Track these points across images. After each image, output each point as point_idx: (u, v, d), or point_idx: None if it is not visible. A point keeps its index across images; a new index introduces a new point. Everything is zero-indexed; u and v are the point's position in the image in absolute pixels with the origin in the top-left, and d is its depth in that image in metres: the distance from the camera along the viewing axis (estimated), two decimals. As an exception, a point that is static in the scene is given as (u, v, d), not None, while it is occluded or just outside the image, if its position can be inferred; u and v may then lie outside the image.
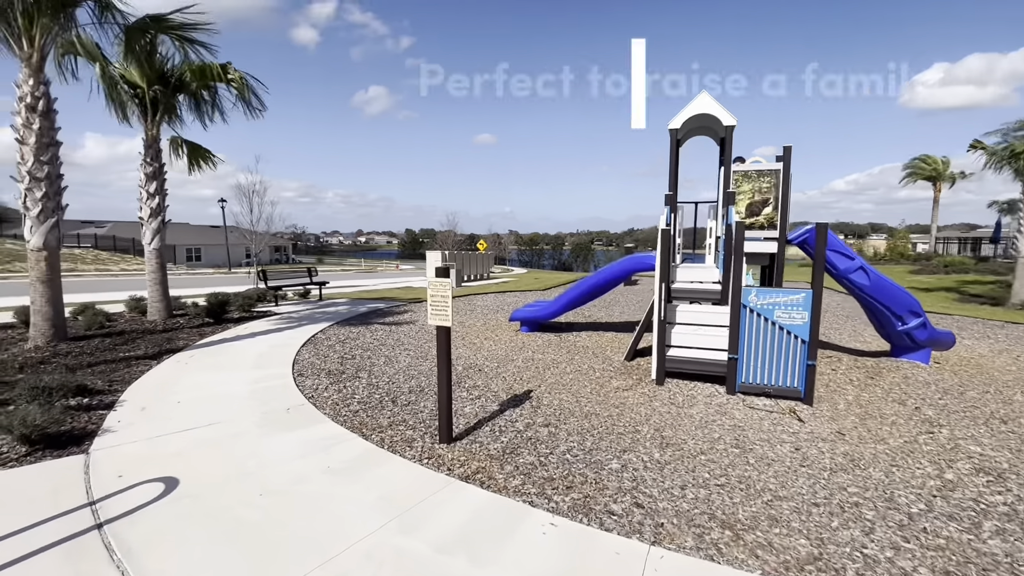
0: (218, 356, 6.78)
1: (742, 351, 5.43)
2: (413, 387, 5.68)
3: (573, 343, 8.22)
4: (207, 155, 10.41)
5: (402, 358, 7.04)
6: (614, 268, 8.07)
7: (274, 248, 53.47)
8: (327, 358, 6.88)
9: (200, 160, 10.31)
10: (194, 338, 7.96)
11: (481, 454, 3.90)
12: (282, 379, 5.73)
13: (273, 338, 7.99)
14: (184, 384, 5.49)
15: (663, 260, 5.68)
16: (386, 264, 56.60)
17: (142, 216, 9.25)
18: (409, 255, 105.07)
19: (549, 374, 6.34)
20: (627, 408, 5.06)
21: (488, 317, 10.84)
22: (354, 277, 29.56)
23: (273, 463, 3.59)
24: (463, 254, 25.49)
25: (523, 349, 7.72)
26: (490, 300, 14.08)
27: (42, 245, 6.87)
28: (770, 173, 7.08)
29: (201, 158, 10.30)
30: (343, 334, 8.53)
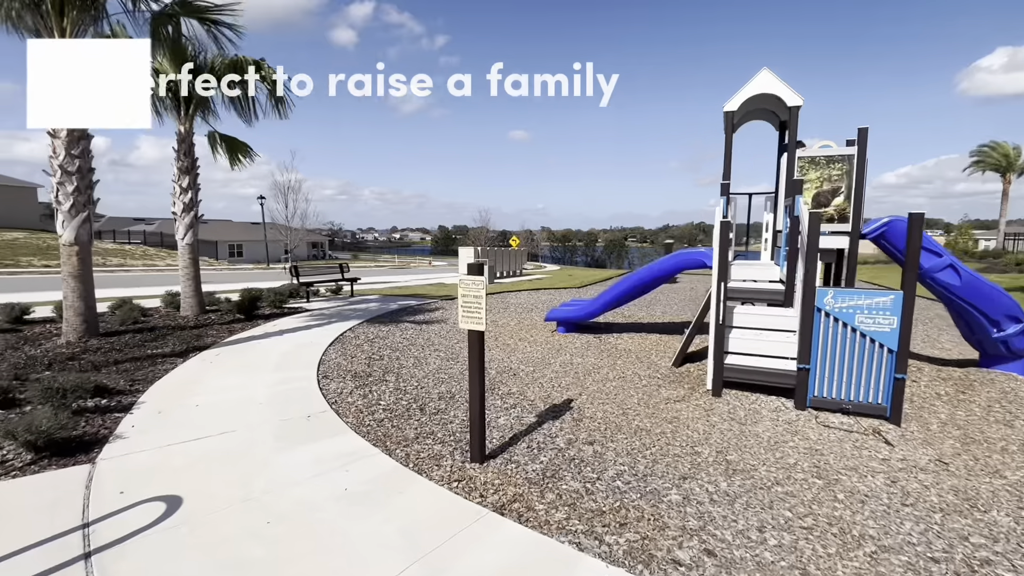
0: (244, 355, 6.55)
1: (814, 360, 4.74)
2: (443, 393, 5.25)
3: (614, 346, 7.64)
4: (246, 149, 10.30)
5: (432, 360, 6.63)
6: (660, 265, 7.44)
7: (311, 244, 54.58)
8: (354, 359, 6.54)
9: (239, 155, 10.20)
10: (223, 335, 7.79)
11: (518, 477, 3.42)
12: (306, 381, 5.41)
13: (301, 336, 7.73)
14: (205, 385, 5.23)
15: (721, 256, 5.04)
16: (419, 260, 56.95)
17: (175, 211, 9.19)
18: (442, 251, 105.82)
19: (590, 381, 5.80)
20: (682, 424, 4.48)
21: (522, 316, 10.35)
22: (387, 273, 29.64)
23: (285, 484, 3.21)
24: (495, 250, 25.12)
25: (560, 352, 7.19)
26: (524, 298, 13.59)
27: (73, 240, 6.79)
28: (841, 159, 6.30)
29: (240, 152, 10.19)
30: (372, 333, 8.22)
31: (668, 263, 7.38)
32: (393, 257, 64.12)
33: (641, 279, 7.61)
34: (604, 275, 23.24)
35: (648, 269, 7.55)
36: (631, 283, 7.66)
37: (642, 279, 7.60)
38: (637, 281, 7.63)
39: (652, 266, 7.54)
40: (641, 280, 7.62)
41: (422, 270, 36.95)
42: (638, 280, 7.63)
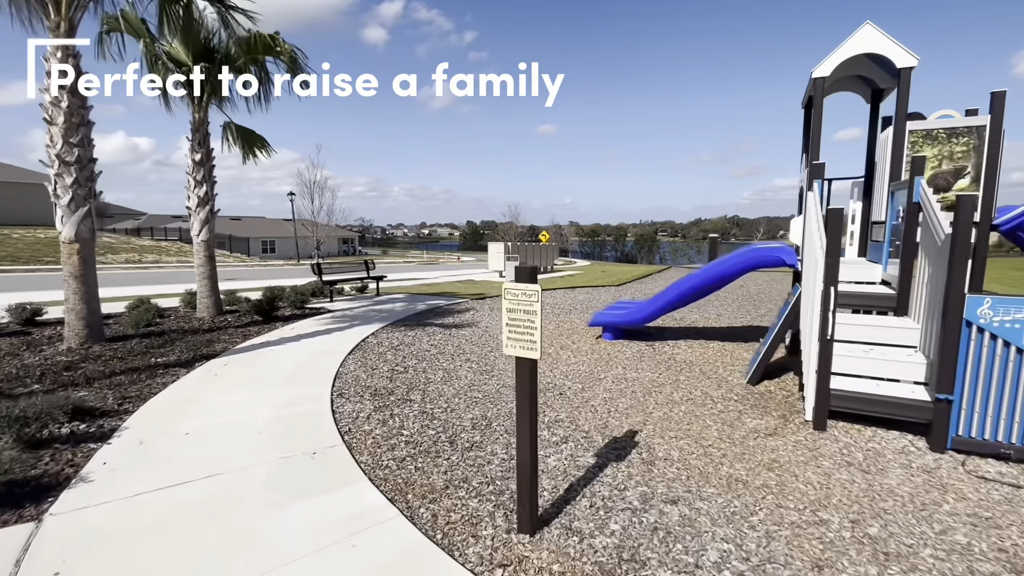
0: (253, 365, 5.82)
1: (959, 389, 3.64)
2: (477, 419, 4.36)
3: (670, 356, 6.61)
4: (262, 143, 9.65)
5: (463, 372, 5.77)
6: (728, 264, 6.36)
7: (341, 240, 54.80)
8: (375, 371, 5.74)
9: (254, 148, 9.56)
10: (236, 340, 7.12)
11: (584, 559, 2.49)
12: (317, 402, 4.61)
13: (319, 342, 6.99)
14: (203, 405, 4.50)
15: (831, 253, 3.96)
16: (447, 256, 56.54)
17: (189, 205, 8.60)
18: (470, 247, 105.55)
19: (653, 404, 4.82)
20: (786, 471, 3.46)
21: (560, 319, 9.40)
22: (415, 269, 29.10)
23: (269, 567, 2.37)
24: (526, 245, 24.19)
25: (610, 363, 6.22)
26: (559, 297, 12.62)
27: (74, 236, 6.20)
28: (967, 132, 5.10)
29: (255, 146, 9.55)
30: (396, 338, 7.42)
31: (738, 261, 6.30)
32: (422, 253, 63.97)
33: (705, 280, 6.55)
34: (641, 271, 22.01)
35: (713, 268, 6.48)
36: (692, 284, 6.61)
37: (706, 280, 6.54)
38: (700, 282, 6.57)
39: (718, 265, 6.47)
40: (705, 281, 6.56)
41: (451, 266, 36.36)
42: (701, 281, 6.57)
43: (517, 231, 42.78)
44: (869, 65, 5.96)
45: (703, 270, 6.57)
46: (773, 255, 6.10)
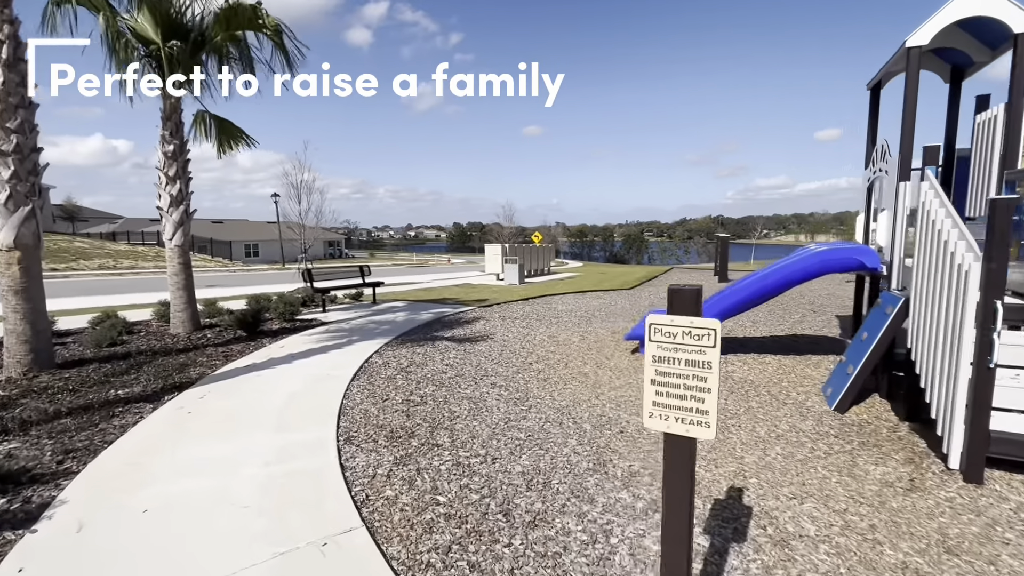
0: (236, 397, 4.78)
1: None
2: (529, 472, 3.39)
3: (726, 375, 5.71)
4: (240, 135, 8.57)
5: (492, 401, 4.79)
6: (799, 267, 5.47)
7: (327, 243, 53.37)
8: (387, 402, 4.74)
9: (231, 140, 8.48)
10: (216, 362, 6.05)
11: None
12: (320, 452, 3.60)
13: (315, 364, 5.95)
14: (169, 462, 3.45)
15: (996, 256, 3.07)
16: (437, 258, 55.40)
17: (160, 205, 7.49)
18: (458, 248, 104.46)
19: (738, 442, 3.90)
20: (971, 553, 2.55)
21: (583, 329, 8.46)
22: (407, 272, 27.99)
23: None
24: (522, 247, 23.24)
25: (662, 386, 5.30)
26: (571, 303, 11.69)
27: (12, 243, 5.10)
28: (1101, 108, 4.26)
29: (232, 138, 8.46)
30: (405, 357, 6.41)
31: (807, 265, 5.42)
32: (411, 255, 62.70)
33: (766, 287, 5.65)
34: (644, 273, 21.19)
35: (777, 274, 5.58)
36: (753, 292, 5.71)
37: (767, 287, 5.65)
38: (761, 290, 5.67)
39: (782, 269, 5.57)
40: (766, 288, 5.67)
41: (442, 268, 35.29)
42: (762, 288, 5.67)
43: (510, 232, 41.76)
44: (959, 35, 5.13)
45: (763, 276, 5.68)
46: (850, 257, 5.23)
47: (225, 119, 8.41)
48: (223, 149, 8.52)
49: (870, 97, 6.14)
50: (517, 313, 10.11)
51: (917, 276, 4.09)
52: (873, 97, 6.10)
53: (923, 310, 3.94)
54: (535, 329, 8.40)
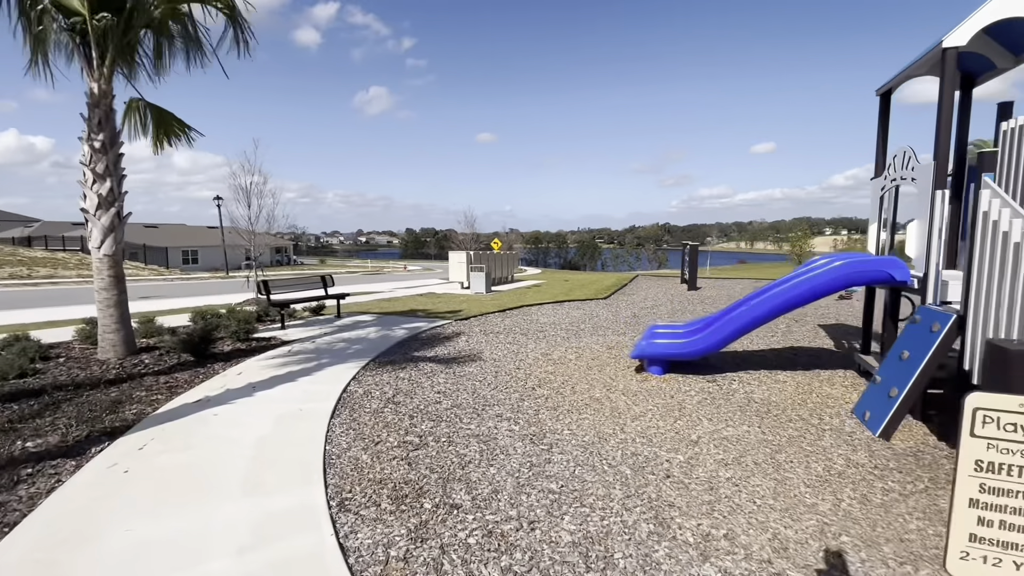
0: (188, 446, 3.84)
1: None
2: (579, 540, 2.73)
3: (747, 397, 5.27)
4: (182, 127, 7.47)
5: (505, 439, 4.10)
6: (825, 279, 5.12)
7: (275, 249, 50.60)
8: (380, 445, 3.95)
9: (171, 133, 7.36)
10: (158, 397, 5.02)
11: None
12: (310, 528, 2.79)
13: (283, 396, 5.04)
14: (98, 556, 2.55)
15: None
16: (392, 265, 53.79)
17: (86, 207, 6.31)
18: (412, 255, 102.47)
19: (801, 484, 3.40)
20: None
21: (574, 344, 7.89)
22: (363, 280, 26.70)
23: None
24: (488, 254, 22.60)
25: (685, 413, 4.77)
26: (551, 315, 11.12)
27: None
28: None
29: (172, 131, 7.34)
30: (389, 383, 5.60)
31: (834, 277, 5.08)
32: (365, 262, 60.56)
33: (788, 301, 5.27)
34: (613, 280, 21.01)
35: (801, 287, 5.21)
36: (774, 306, 5.31)
37: (790, 300, 5.27)
38: (783, 304, 5.29)
39: (807, 282, 5.20)
40: (788, 302, 5.29)
41: (399, 275, 34.08)
42: (784, 302, 5.29)
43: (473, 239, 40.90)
44: (982, 39, 4.96)
45: (788, 289, 5.30)
46: (879, 270, 4.93)
47: (164, 109, 7.29)
48: (160, 143, 7.38)
49: (880, 104, 5.95)
50: (498, 327, 9.43)
51: (978, 289, 3.76)
52: (883, 104, 5.91)
53: (990, 325, 3.61)
54: (524, 345, 7.75)
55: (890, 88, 5.81)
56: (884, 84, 5.83)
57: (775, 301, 5.28)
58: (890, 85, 5.78)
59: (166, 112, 7.28)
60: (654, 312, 11.15)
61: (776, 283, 5.64)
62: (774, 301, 5.29)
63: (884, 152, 5.92)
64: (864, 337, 6.14)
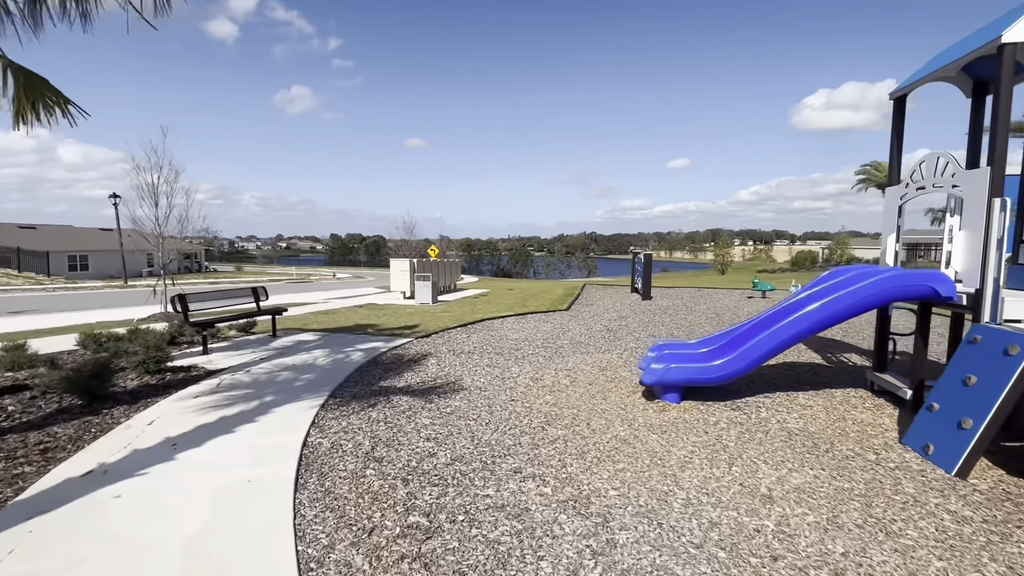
0: (69, 571, 2.49)
1: None
2: None
3: (783, 427, 4.66)
4: (57, 98, 5.72)
5: (538, 510, 3.12)
6: (866, 295, 4.61)
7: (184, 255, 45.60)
8: (376, 536, 2.81)
9: (40, 106, 5.61)
10: (24, 470, 3.50)
11: None
12: None
13: (219, 458, 3.69)
14: None
15: None
16: (320, 272, 50.41)
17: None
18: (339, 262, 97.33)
19: (932, 561, 2.72)
20: None
21: (562, 366, 7.02)
22: (290, 289, 24.38)
23: None
24: (433, 262, 21.34)
25: (735, 461, 4.03)
26: (517, 329, 10.20)
27: None
28: None
29: (44, 102, 5.59)
30: (362, 430, 4.40)
31: (876, 292, 4.59)
32: (289, 269, 56.29)
33: (824, 319, 4.73)
34: (565, 289, 20.50)
35: (839, 303, 4.67)
36: (814, 323, 4.74)
37: (826, 319, 4.73)
38: (820, 322, 4.74)
39: (846, 298, 4.67)
40: (824, 321, 4.75)
41: (329, 284, 31.74)
42: (820, 321, 4.74)
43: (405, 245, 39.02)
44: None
45: (821, 307, 4.73)
46: (924, 284, 4.50)
47: (35, 74, 5.55)
48: (25, 117, 5.59)
49: (894, 108, 5.65)
50: (466, 345, 8.36)
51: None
52: (898, 108, 5.61)
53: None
54: (505, 369, 6.77)
55: (905, 93, 5.52)
56: (898, 88, 5.54)
57: (811, 320, 4.72)
58: (905, 90, 5.49)
59: (37, 77, 5.52)
60: (624, 325, 10.58)
61: (798, 299, 5.11)
62: (810, 320, 4.73)
63: (899, 159, 5.63)
64: (878, 355, 5.79)
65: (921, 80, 5.33)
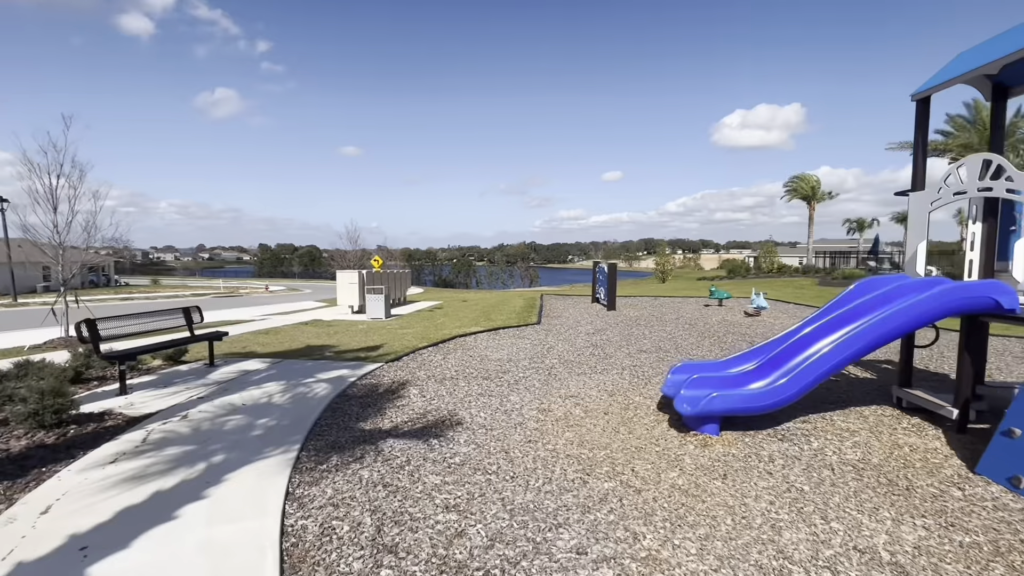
0: None
1: None
2: None
3: (843, 461, 4.10)
4: None
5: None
6: (925, 308, 4.17)
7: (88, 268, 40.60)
8: None
9: None
10: None
11: None
12: None
13: (157, 571, 2.54)
14: None
15: None
16: (250, 285, 46.70)
17: None
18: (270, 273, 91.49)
19: None
20: None
21: (560, 389, 6.21)
22: (219, 305, 22.00)
23: None
24: (385, 273, 19.96)
25: (830, 514, 3.38)
26: (494, 347, 9.30)
27: None
28: None
29: None
30: (357, 501, 3.34)
31: (938, 305, 4.16)
32: (216, 282, 51.70)
33: (887, 334, 4.25)
34: (524, 301, 19.76)
35: (899, 317, 4.21)
36: (873, 340, 4.23)
37: (888, 334, 4.25)
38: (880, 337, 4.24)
39: (904, 312, 4.21)
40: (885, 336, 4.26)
41: (262, 298, 29.26)
42: (881, 336, 4.25)
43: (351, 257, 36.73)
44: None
45: (879, 322, 4.24)
46: (985, 295, 4.12)
47: None
48: None
49: (917, 111, 5.37)
50: (446, 369, 7.36)
51: None
52: (921, 111, 5.34)
53: None
54: (503, 398, 5.86)
55: (927, 95, 5.25)
56: (921, 89, 5.27)
57: (870, 336, 4.22)
58: (928, 92, 5.23)
59: None
60: (607, 340, 9.96)
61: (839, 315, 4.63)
62: (869, 336, 4.23)
63: (924, 162, 5.35)
64: (904, 369, 5.45)
65: (944, 84, 5.08)
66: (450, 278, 79.10)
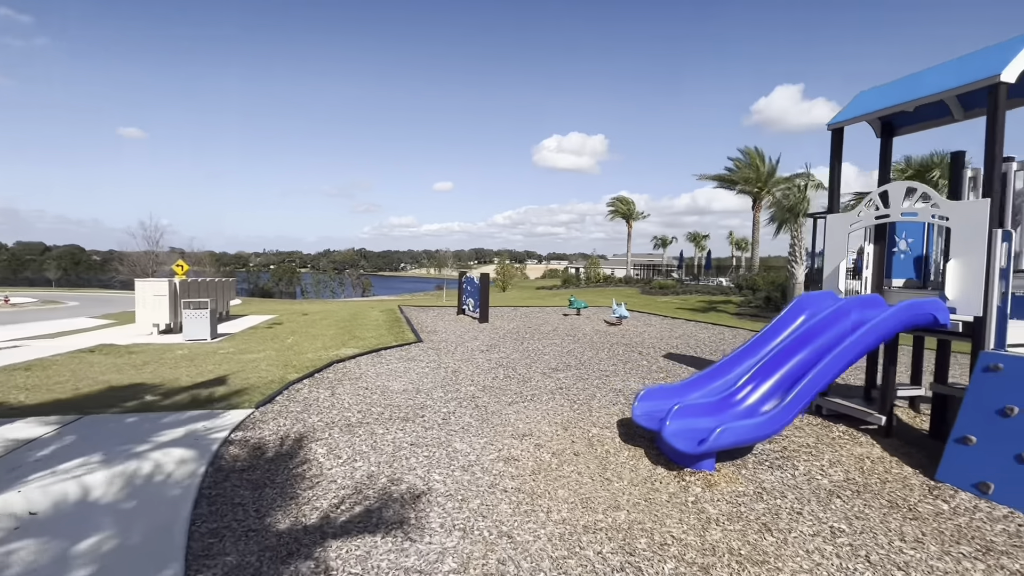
0: None
1: None
2: None
3: (831, 483, 4.01)
4: None
5: None
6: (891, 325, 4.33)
7: None
8: None
9: None
10: None
11: None
12: None
13: None
14: None
15: None
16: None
17: None
18: (9, 280, 69.66)
19: None
20: None
21: (506, 427, 5.22)
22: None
23: None
24: (202, 282, 16.25)
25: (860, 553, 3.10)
26: (384, 374, 7.79)
27: None
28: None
29: None
30: None
31: (899, 322, 4.36)
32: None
33: (863, 350, 4.30)
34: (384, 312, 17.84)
35: (874, 334, 4.29)
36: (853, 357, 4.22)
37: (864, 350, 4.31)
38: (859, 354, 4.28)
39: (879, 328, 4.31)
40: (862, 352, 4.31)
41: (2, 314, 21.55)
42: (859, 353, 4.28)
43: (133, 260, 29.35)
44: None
45: (856, 341, 4.27)
46: (927, 312, 4.45)
47: None
48: None
49: (832, 139, 5.82)
50: (343, 412, 5.74)
51: None
52: (835, 139, 5.79)
53: None
54: (445, 447, 4.63)
55: (840, 126, 5.73)
56: (836, 120, 5.72)
57: (851, 354, 4.24)
58: (841, 124, 5.71)
59: None
60: (507, 358, 9.19)
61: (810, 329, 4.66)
62: (850, 354, 4.23)
63: (838, 186, 5.80)
64: (868, 384, 5.85)
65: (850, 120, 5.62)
66: (269, 286, 70.00)
